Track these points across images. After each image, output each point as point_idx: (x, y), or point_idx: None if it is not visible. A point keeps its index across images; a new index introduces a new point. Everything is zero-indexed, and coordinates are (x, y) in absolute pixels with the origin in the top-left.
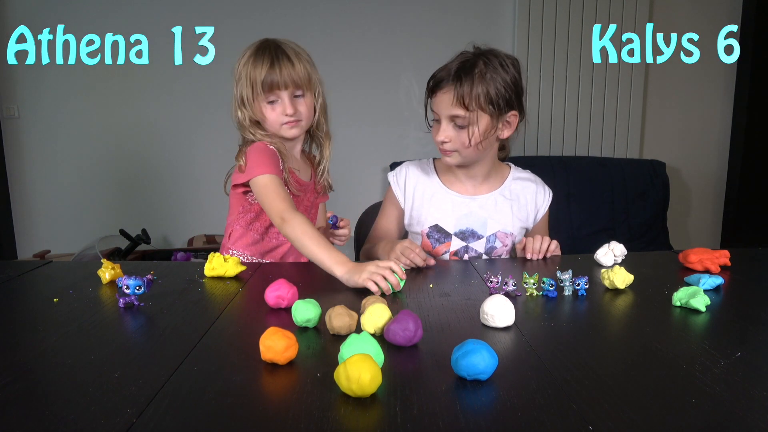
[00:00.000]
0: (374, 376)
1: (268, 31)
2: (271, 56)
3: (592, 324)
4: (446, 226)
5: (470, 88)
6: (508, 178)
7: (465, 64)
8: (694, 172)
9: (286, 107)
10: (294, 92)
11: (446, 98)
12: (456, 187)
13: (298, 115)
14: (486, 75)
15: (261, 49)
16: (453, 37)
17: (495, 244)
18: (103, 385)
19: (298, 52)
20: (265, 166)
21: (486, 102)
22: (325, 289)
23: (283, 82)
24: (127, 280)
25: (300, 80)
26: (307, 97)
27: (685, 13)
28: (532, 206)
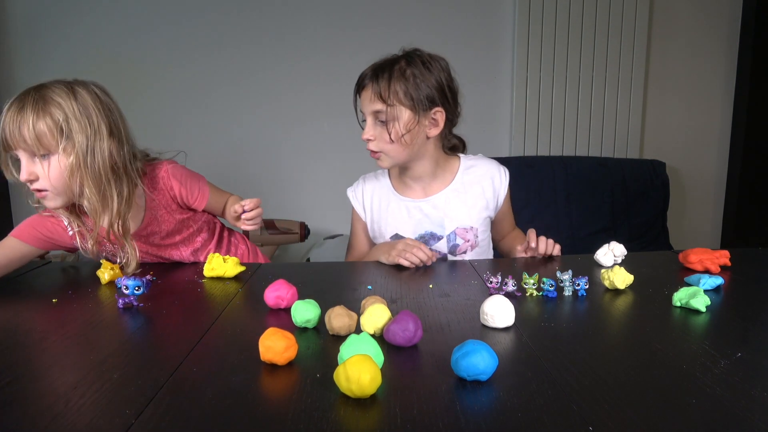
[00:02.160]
0: (374, 377)
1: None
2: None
3: (592, 324)
4: (405, 233)
5: (388, 83)
6: (458, 172)
7: (385, 63)
8: (694, 172)
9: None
10: (32, 152)
11: (367, 95)
12: (408, 192)
13: (41, 183)
14: (406, 72)
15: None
16: (453, 37)
17: (456, 242)
18: (102, 386)
19: (46, 102)
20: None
21: (405, 97)
22: (325, 290)
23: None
24: (126, 280)
25: (29, 140)
26: (53, 158)
27: (685, 14)
28: (491, 192)
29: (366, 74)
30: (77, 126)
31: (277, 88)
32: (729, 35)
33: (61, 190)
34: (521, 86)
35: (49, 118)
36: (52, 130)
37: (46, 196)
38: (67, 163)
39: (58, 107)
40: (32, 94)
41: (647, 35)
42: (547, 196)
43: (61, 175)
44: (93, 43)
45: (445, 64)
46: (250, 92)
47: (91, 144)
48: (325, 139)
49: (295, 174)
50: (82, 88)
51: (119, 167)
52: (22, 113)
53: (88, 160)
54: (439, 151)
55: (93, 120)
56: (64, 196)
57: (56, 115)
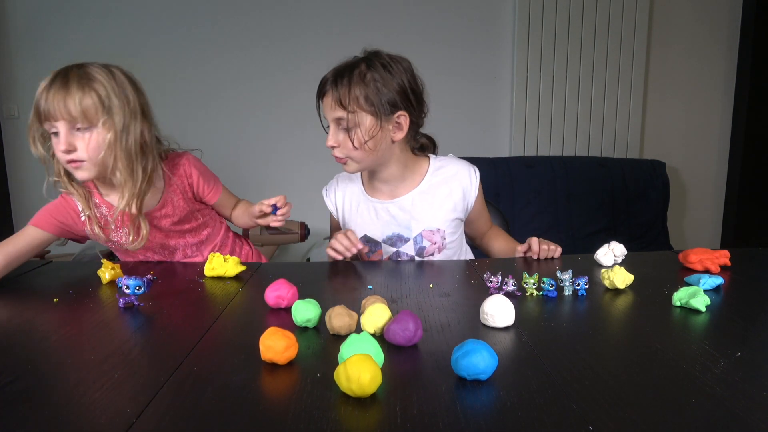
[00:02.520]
0: (374, 376)
1: (268, 32)
2: (55, 80)
3: (592, 324)
4: (374, 234)
5: (348, 89)
6: (427, 174)
7: (345, 67)
8: (694, 172)
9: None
10: (74, 125)
11: (328, 101)
12: (376, 194)
13: (78, 154)
14: (366, 76)
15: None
16: (453, 37)
17: (423, 244)
18: (103, 385)
19: (90, 79)
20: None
21: (366, 102)
22: (325, 289)
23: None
24: (127, 280)
25: (74, 112)
26: (94, 132)
27: (684, 14)
28: (459, 194)
29: (326, 79)
30: (117, 103)
31: (277, 89)
32: (729, 35)
33: (96, 162)
34: (521, 86)
35: (94, 93)
36: (96, 104)
37: (81, 166)
38: (105, 138)
39: (100, 84)
40: (75, 70)
41: (647, 36)
42: (547, 196)
43: (99, 148)
44: (93, 44)
45: (407, 65)
46: (250, 93)
47: (127, 122)
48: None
49: (295, 174)
50: (116, 70)
51: (147, 147)
52: (68, 88)
53: (123, 138)
54: (407, 153)
55: (129, 99)
56: (97, 168)
57: (100, 90)
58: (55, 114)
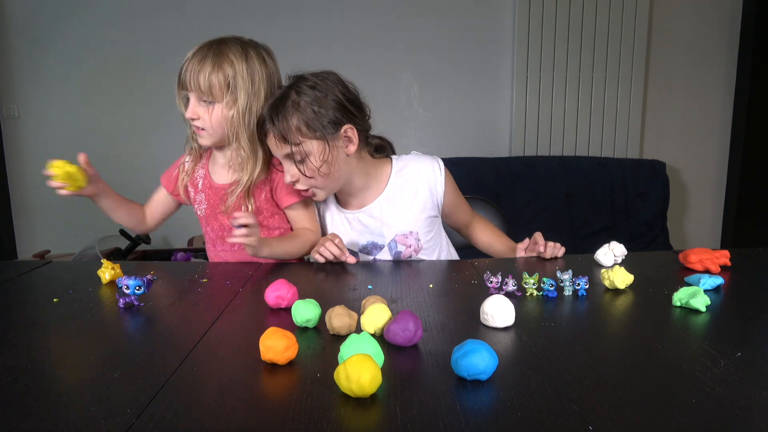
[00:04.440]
0: (374, 377)
1: (268, 34)
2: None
3: (592, 324)
4: (350, 245)
5: (286, 122)
6: (390, 177)
7: (276, 102)
8: (694, 172)
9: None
10: (201, 97)
11: (272, 141)
12: (347, 205)
13: (201, 122)
14: (300, 104)
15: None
16: (453, 37)
17: (398, 249)
18: (103, 385)
19: (223, 59)
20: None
21: (309, 129)
22: (325, 290)
23: (187, 82)
24: (127, 280)
25: (203, 87)
26: (217, 106)
27: (685, 14)
28: (426, 192)
29: (261, 120)
30: (242, 85)
31: None
32: (729, 36)
33: (215, 134)
34: (521, 86)
35: (221, 73)
36: (221, 83)
37: (202, 134)
38: (228, 114)
39: (230, 65)
40: (213, 48)
41: (647, 35)
42: (547, 196)
43: (220, 122)
44: (93, 44)
45: (335, 78)
46: None
47: (249, 103)
48: None
49: None
50: (253, 51)
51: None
52: (203, 64)
53: (245, 117)
54: (366, 160)
55: (255, 83)
56: (215, 138)
57: (227, 71)
58: (188, 84)
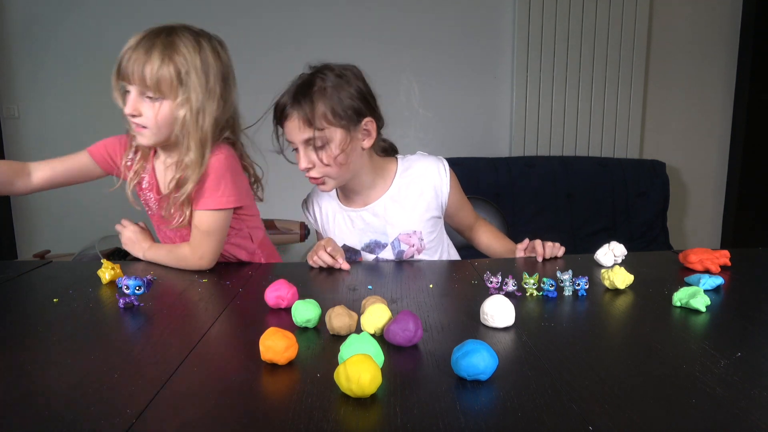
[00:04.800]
0: (374, 377)
1: (268, 34)
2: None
3: (592, 324)
4: (352, 243)
5: (312, 107)
6: (396, 176)
7: (301, 87)
8: (694, 172)
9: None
10: (144, 92)
11: (294, 125)
12: (350, 203)
13: (143, 120)
14: (326, 90)
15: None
16: (453, 37)
17: (401, 248)
18: (102, 386)
19: (175, 47)
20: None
21: (334, 116)
22: (325, 290)
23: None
24: (127, 280)
25: (149, 81)
26: (165, 104)
27: (685, 14)
28: (431, 193)
29: (285, 103)
30: (196, 81)
31: (277, 90)
32: (729, 35)
33: (159, 133)
34: (521, 86)
35: (172, 66)
36: (172, 78)
37: (143, 132)
38: (178, 114)
39: (183, 58)
40: (162, 37)
41: (647, 35)
42: (547, 196)
43: (168, 122)
44: (93, 44)
45: (357, 71)
46: (250, 91)
47: (203, 103)
48: None
49: (295, 174)
50: (207, 43)
51: (217, 132)
52: (150, 54)
53: (197, 118)
54: (374, 158)
55: (210, 79)
56: (158, 139)
57: (180, 65)
58: (130, 76)
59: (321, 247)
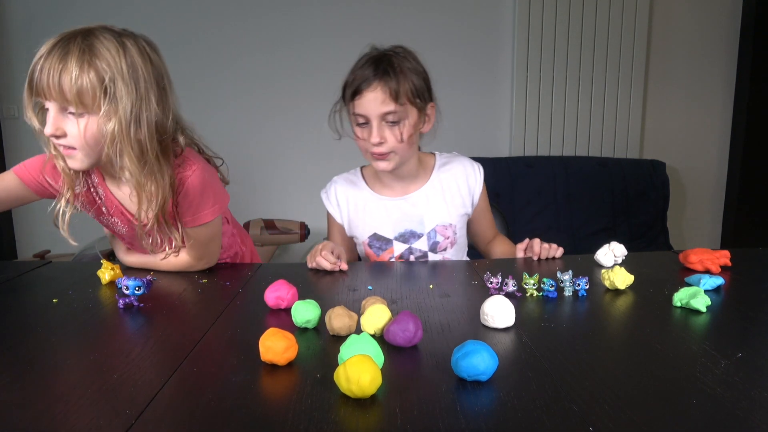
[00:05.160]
0: (374, 377)
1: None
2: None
3: (592, 325)
4: (384, 232)
5: (397, 82)
6: (434, 170)
7: (383, 60)
8: (694, 172)
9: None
10: (65, 107)
11: (376, 96)
12: (385, 191)
13: (70, 140)
14: (405, 69)
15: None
16: (453, 37)
17: (437, 239)
18: (102, 386)
19: (94, 54)
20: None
21: (413, 95)
22: (325, 290)
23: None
24: (126, 280)
25: (68, 94)
26: (91, 119)
27: (685, 14)
28: (465, 189)
29: (367, 76)
30: (123, 89)
31: (277, 88)
32: (729, 35)
33: (92, 153)
34: (521, 86)
35: (94, 73)
36: (95, 88)
37: (72, 155)
38: (107, 129)
39: (106, 63)
40: (79, 40)
41: (647, 35)
42: (547, 196)
43: (97, 139)
44: None
45: (419, 58)
46: (250, 92)
47: (136, 111)
48: (325, 138)
49: (295, 174)
50: (132, 44)
51: (165, 141)
52: (65, 62)
53: (131, 129)
54: (417, 148)
55: (141, 84)
56: (93, 159)
57: (102, 72)
58: (46, 91)
59: (319, 250)
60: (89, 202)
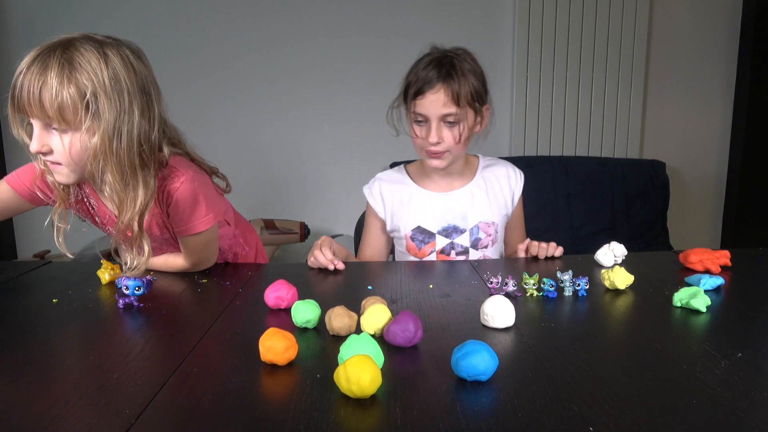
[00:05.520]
0: (374, 377)
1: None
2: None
3: (592, 325)
4: (428, 226)
5: (458, 84)
6: (478, 169)
7: (445, 62)
8: (694, 172)
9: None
10: (48, 123)
11: (438, 98)
12: (431, 187)
13: (56, 156)
14: (466, 71)
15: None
16: (453, 37)
17: (479, 236)
18: (102, 386)
19: (74, 67)
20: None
21: (472, 99)
22: (325, 290)
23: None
24: (126, 280)
25: (50, 110)
26: (75, 135)
27: (685, 14)
28: (507, 190)
29: (430, 78)
30: (106, 104)
31: (276, 89)
32: (729, 35)
33: (78, 168)
34: (521, 86)
35: (74, 87)
36: (76, 103)
37: (59, 170)
38: (89, 144)
39: (86, 77)
40: (58, 54)
41: (647, 35)
42: (547, 196)
43: (81, 154)
44: None
45: (478, 60)
46: (249, 93)
47: (119, 125)
48: (325, 139)
49: (295, 174)
50: (114, 53)
51: (146, 153)
52: (44, 77)
53: (114, 144)
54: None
55: (124, 96)
56: (80, 174)
57: (83, 86)
58: (28, 108)
59: (318, 246)
60: (83, 212)
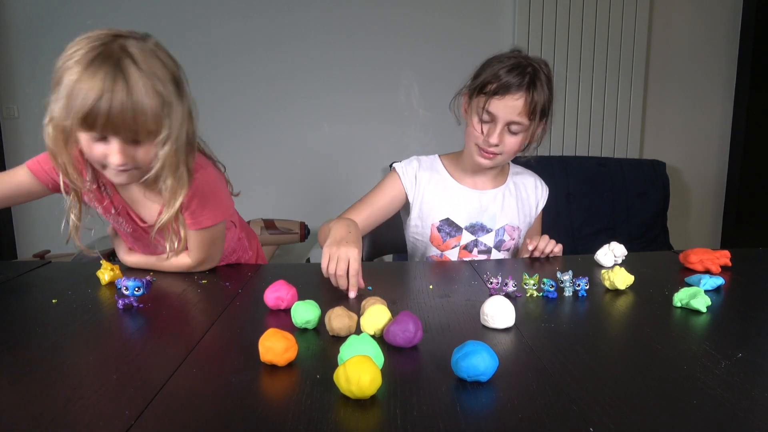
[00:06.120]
0: (374, 378)
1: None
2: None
3: (592, 325)
4: (457, 220)
5: (538, 98)
6: (509, 174)
7: (529, 72)
8: (694, 172)
9: (113, 154)
10: (128, 137)
11: (515, 105)
12: (466, 182)
13: (131, 163)
14: (544, 85)
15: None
16: (453, 37)
17: (504, 238)
18: (101, 387)
19: (152, 77)
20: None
21: (541, 111)
22: (325, 291)
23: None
24: (126, 281)
25: (131, 124)
26: (148, 145)
27: (685, 14)
28: (533, 200)
29: (513, 83)
30: (177, 107)
31: (276, 89)
32: (729, 36)
33: (144, 172)
34: None
35: (157, 98)
36: (158, 113)
37: (130, 173)
38: (162, 153)
39: (160, 85)
40: (113, 60)
41: (647, 35)
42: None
43: (154, 157)
44: None
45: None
46: (249, 92)
47: (180, 125)
48: (325, 139)
49: (295, 174)
50: (160, 51)
51: (193, 147)
52: (132, 93)
53: (176, 143)
54: None
55: (183, 101)
56: (141, 177)
57: (161, 94)
58: (118, 127)
59: (346, 261)
60: (97, 199)
